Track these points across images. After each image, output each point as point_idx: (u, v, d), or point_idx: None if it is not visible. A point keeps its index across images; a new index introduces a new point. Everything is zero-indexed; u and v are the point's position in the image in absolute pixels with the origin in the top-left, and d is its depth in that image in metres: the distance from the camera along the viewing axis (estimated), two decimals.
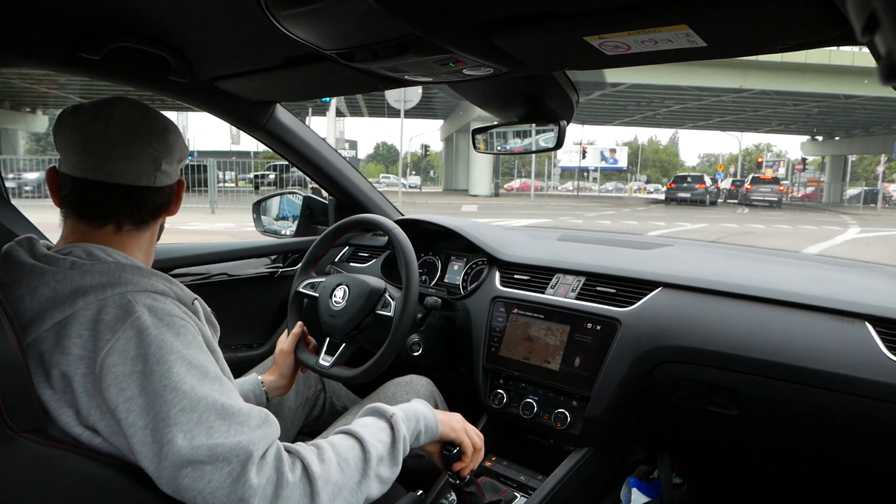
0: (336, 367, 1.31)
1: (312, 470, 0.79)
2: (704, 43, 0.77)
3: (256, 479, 0.74)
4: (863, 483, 1.20)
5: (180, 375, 0.74)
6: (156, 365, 0.73)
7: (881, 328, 1.11)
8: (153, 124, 0.85)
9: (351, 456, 0.84)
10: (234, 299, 1.41)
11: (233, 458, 0.73)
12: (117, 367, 0.73)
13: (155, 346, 0.74)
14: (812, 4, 0.65)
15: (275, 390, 1.30)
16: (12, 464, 0.69)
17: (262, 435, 0.77)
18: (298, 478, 0.78)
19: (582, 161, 39.09)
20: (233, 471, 0.73)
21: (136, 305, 0.77)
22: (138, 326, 0.75)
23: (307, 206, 2.06)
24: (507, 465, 1.46)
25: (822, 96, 23.03)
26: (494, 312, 1.53)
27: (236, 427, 0.75)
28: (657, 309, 1.32)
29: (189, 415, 0.73)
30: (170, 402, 0.72)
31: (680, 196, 25.73)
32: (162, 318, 0.77)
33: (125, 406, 0.72)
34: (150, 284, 0.81)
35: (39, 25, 1.01)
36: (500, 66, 0.96)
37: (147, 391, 0.73)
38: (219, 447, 0.73)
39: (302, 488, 0.77)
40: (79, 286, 0.77)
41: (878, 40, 0.29)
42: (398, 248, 1.31)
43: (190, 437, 0.72)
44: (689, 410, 1.27)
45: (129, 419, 0.72)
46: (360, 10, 0.74)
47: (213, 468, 0.73)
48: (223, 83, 1.34)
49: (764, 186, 26.39)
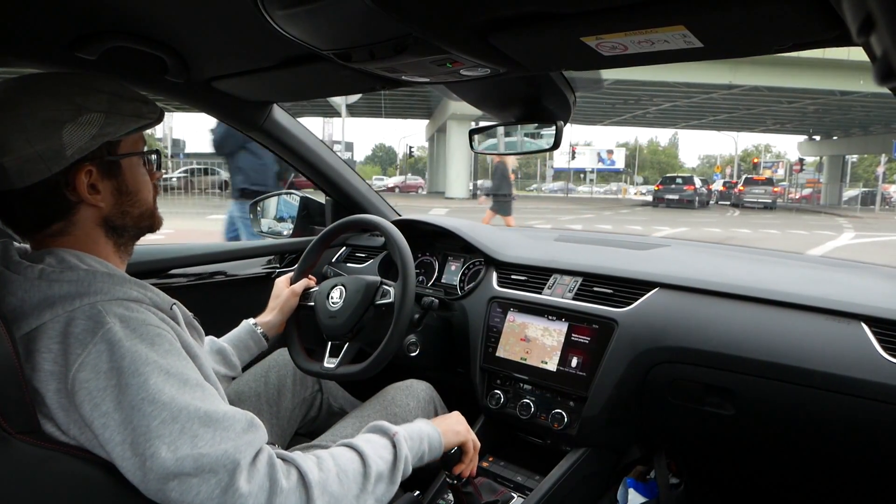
0: (342, 367, 1.29)
1: (309, 478, 0.77)
2: (701, 44, 0.77)
3: (247, 486, 0.72)
4: (858, 483, 1.21)
5: (158, 386, 0.72)
6: (131, 378, 0.71)
7: (877, 328, 1.11)
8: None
9: (351, 469, 0.83)
10: (231, 299, 1.41)
11: (219, 469, 0.71)
12: (90, 383, 0.70)
13: (128, 358, 0.71)
14: (808, 6, 0.65)
15: (272, 329, 1.31)
16: (7, 465, 0.68)
17: (248, 441, 0.75)
18: (294, 485, 0.76)
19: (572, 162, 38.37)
20: (220, 481, 0.71)
21: (106, 316, 0.73)
22: (109, 339, 0.72)
23: (304, 207, 2.06)
24: (504, 465, 1.46)
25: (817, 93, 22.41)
26: (492, 313, 1.53)
27: (221, 433, 0.73)
28: (654, 309, 1.33)
29: (171, 426, 0.71)
30: (149, 414, 0.70)
31: (668, 198, 24.68)
32: (134, 328, 0.74)
33: (101, 422, 0.70)
34: (122, 293, 0.77)
35: (35, 25, 1.01)
36: (498, 67, 0.96)
37: (123, 405, 0.70)
38: (204, 458, 0.71)
39: (297, 495, 0.76)
40: (46, 296, 0.74)
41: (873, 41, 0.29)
42: (393, 244, 1.31)
43: (174, 449, 0.70)
44: (686, 411, 1.27)
45: (106, 434, 0.71)
46: (357, 10, 0.74)
47: (200, 480, 0.71)
48: (220, 83, 1.33)
49: (757, 188, 25.78)
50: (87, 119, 0.77)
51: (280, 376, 1.43)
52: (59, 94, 0.77)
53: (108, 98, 0.80)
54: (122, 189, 0.85)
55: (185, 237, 6.14)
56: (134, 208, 0.87)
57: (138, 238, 0.92)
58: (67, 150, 0.76)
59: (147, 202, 0.89)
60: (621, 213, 21.33)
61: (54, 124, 0.75)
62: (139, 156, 0.87)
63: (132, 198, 0.86)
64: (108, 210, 0.83)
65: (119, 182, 0.84)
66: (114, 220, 0.85)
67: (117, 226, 0.85)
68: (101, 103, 0.79)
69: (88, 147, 0.78)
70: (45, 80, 0.79)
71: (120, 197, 0.85)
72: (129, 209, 0.86)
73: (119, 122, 0.81)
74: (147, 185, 0.90)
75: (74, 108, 0.77)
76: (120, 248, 0.88)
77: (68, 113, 0.76)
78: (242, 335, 1.28)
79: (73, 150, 0.77)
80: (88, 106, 0.78)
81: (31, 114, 0.75)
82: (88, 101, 0.78)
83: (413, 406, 1.36)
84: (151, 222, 0.91)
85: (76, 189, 0.79)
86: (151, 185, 0.91)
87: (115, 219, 0.85)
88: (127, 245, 0.89)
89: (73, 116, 0.76)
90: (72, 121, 0.76)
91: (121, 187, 0.84)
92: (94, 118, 0.78)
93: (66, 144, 0.76)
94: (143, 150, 0.88)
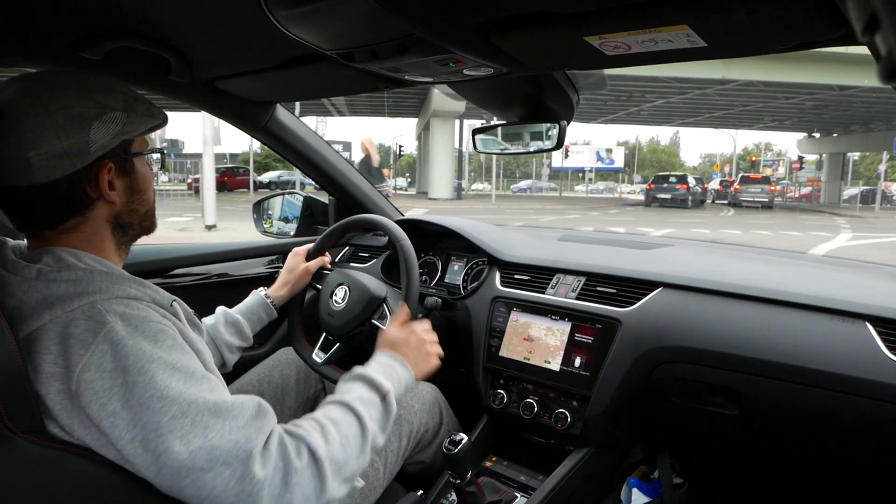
0: (327, 366, 1.34)
1: (319, 453, 0.79)
2: (705, 43, 0.77)
3: (262, 471, 0.73)
4: (863, 483, 1.20)
5: (165, 382, 0.72)
6: (137, 376, 0.71)
7: (882, 328, 1.11)
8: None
9: (351, 434, 0.86)
10: (234, 299, 1.42)
11: (233, 461, 0.72)
12: (95, 383, 0.70)
13: (133, 357, 0.71)
14: (812, 5, 0.65)
15: (283, 302, 1.40)
16: (12, 465, 0.68)
17: (258, 427, 0.76)
18: (306, 463, 0.78)
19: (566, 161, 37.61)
20: (235, 472, 0.72)
21: (107, 315, 0.73)
22: (112, 338, 0.72)
23: (307, 207, 2.06)
24: (507, 465, 1.46)
25: (814, 87, 21.67)
26: (495, 312, 1.53)
27: (231, 422, 0.74)
28: (657, 309, 1.32)
29: (181, 420, 0.71)
30: (159, 411, 0.71)
31: (660, 197, 23.90)
32: (136, 326, 0.74)
33: (109, 421, 0.70)
34: (121, 291, 0.77)
35: (40, 26, 1.01)
36: (501, 67, 0.96)
37: (131, 403, 0.70)
38: (217, 450, 0.71)
39: (310, 471, 0.78)
40: (44, 297, 0.73)
41: (878, 40, 0.29)
42: (400, 251, 1.32)
43: (186, 442, 0.70)
44: (690, 411, 1.27)
45: (116, 433, 0.71)
46: (361, 10, 0.74)
47: (214, 474, 0.71)
48: (223, 83, 1.34)
49: (754, 186, 24.98)
50: (111, 117, 0.79)
51: (284, 375, 1.44)
52: (85, 92, 0.78)
53: (123, 98, 0.82)
54: (134, 187, 0.86)
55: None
56: (141, 206, 0.88)
57: (137, 238, 0.92)
58: (92, 146, 0.77)
59: (151, 201, 0.91)
60: (609, 213, 20.68)
61: (84, 120, 0.77)
62: (148, 154, 0.89)
63: (141, 196, 0.88)
64: (120, 207, 0.85)
65: (132, 180, 0.86)
66: (123, 218, 0.86)
67: (125, 223, 0.87)
68: (120, 102, 0.81)
69: (110, 144, 0.80)
70: (68, 78, 0.80)
71: (131, 195, 0.86)
72: (137, 207, 0.88)
73: (137, 121, 0.83)
74: (152, 185, 0.91)
75: (100, 106, 0.78)
76: (120, 247, 0.88)
77: (94, 110, 0.78)
78: (255, 306, 1.34)
79: (96, 147, 0.78)
80: (110, 104, 0.79)
81: (60, 109, 0.76)
82: (109, 99, 0.80)
83: (418, 408, 1.36)
84: (152, 222, 0.92)
85: (98, 185, 0.81)
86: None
87: (125, 216, 0.86)
88: (126, 245, 0.90)
89: (99, 114, 0.78)
90: (98, 118, 0.78)
91: (133, 185, 0.86)
92: (117, 116, 0.80)
93: (92, 141, 0.77)
94: (151, 149, 0.90)
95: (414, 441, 1.32)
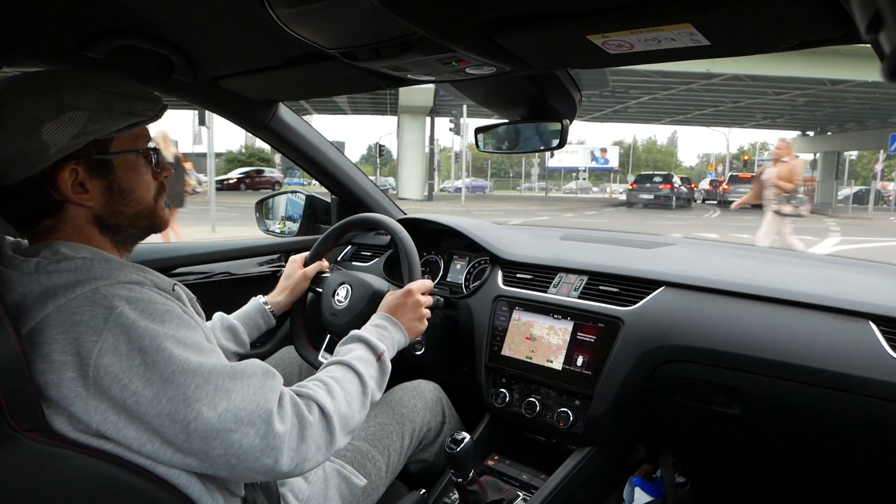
0: None
1: (327, 408, 0.86)
2: (707, 42, 0.77)
3: (281, 426, 0.79)
4: (866, 482, 1.20)
5: (183, 356, 0.75)
6: (156, 355, 0.73)
7: (885, 327, 1.10)
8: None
9: (353, 390, 0.93)
10: (236, 298, 1.42)
11: (256, 420, 0.77)
12: (114, 366, 0.72)
13: (148, 337, 0.73)
14: (816, 3, 0.65)
15: (282, 308, 1.40)
16: (14, 463, 0.68)
17: (272, 387, 0.81)
18: (317, 417, 0.85)
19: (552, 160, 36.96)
20: (259, 430, 0.77)
21: (113, 300, 0.74)
22: (122, 322, 0.73)
23: (310, 206, 2.07)
24: (509, 464, 1.46)
25: (804, 82, 20.78)
26: (497, 311, 1.53)
27: (247, 381, 0.79)
28: (660, 308, 1.32)
29: (205, 388, 0.75)
30: (183, 384, 0.74)
31: (642, 197, 22.62)
32: (143, 308, 0.75)
33: (133, 400, 0.72)
34: (123, 276, 0.78)
35: (43, 25, 1.01)
36: (503, 65, 0.96)
37: (154, 381, 0.73)
38: (241, 411, 0.76)
39: (321, 425, 0.85)
40: (46, 288, 0.74)
41: (882, 39, 0.29)
42: (402, 250, 1.32)
43: (213, 406, 0.75)
44: (692, 410, 1.27)
45: (141, 410, 0.73)
46: (363, 8, 0.74)
47: (241, 434, 0.76)
48: (226, 82, 1.34)
49: (742, 186, 23.32)
50: (68, 117, 0.76)
51: (286, 374, 1.44)
52: (46, 92, 0.77)
53: (99, 95, 0.79)
54: (114, 188, 0.83)
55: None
56: (128, 207, 0.85)
57: (140, 238, 0.91)
58: (51, 148, 0.75)
59: (144, 201, 0.87)
60: (587, 214, 19.82)
61: (34, 122, 0.75)
62: (133, 154, 0.85)
63: (125, 197, 0.85)
64: (98, 209, 0.83)
65: (110, 181, 0.83)
66: (106, 219, 0.84)
67: (110, 224, 0.85)
68: (90, 101, 0.78)
69: (73, 146, 0.77)
70: (35, 78, 0.79)
71: (111, 196, 0.83)
72: (122, 208, 0.85)
73: (105, 120, 0.79)
74: (145, 185, 0.88)
75: (58, 106, 0.76)
76: (118, 244, 0.87)
77: (50, 111, 0.75)
78: (252, 313, 1.34)
79: (56, 149, 0.76)
80: (74, 104, 0.77)
81: (12, 112, 0.75)
82: (77, 98, 0.77)
83: (420, 407, 1.36)
84: (151, 222, 0.89)
85: (59, 188, 0.78)
86: (155, 183, 0.90)
87: (108, 217, 0.84)
88: (126, 244, 0.89)
89: (55, 114, 0.76)
90: (52, 119, 0.75)
91: (112, 186, 0.83)
92: (76, 116, 0.76)
93: (49, 143, 0.75)
94: (138, 149, 0.86)
95: (416, 440, 1.32)
